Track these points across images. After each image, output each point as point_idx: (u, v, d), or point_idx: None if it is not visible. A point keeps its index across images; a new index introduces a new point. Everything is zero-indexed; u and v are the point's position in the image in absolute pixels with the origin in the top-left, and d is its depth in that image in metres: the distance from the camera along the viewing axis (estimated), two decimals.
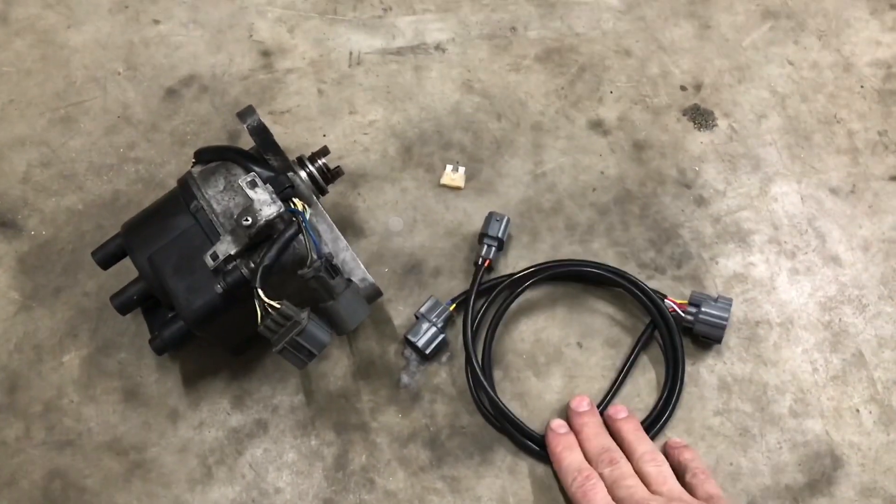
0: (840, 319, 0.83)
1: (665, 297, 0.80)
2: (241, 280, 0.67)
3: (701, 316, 0.78)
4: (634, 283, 0.80)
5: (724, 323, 0.78)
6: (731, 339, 0.81)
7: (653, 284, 0.82)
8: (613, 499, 0.69)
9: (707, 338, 0.79)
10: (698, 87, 0.96)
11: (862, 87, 0.97)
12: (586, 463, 0.72)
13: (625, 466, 0.71)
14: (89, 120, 0.94)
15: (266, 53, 0.98)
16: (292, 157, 0.76)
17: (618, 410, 0.76)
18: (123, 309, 0.72)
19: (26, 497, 0.75)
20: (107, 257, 0.74)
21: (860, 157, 0.92)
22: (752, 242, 0.87)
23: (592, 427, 0.75)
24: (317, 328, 0.65)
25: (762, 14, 1.02)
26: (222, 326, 0.70)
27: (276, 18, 1.01)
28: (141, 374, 0.80)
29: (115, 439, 0.77)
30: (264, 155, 0.73)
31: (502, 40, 0.99)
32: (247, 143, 0.76)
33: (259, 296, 0.65)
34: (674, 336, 0.78)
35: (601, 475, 0.71)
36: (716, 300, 0.79)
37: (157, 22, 1.01)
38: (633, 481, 0.70)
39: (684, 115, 0.94)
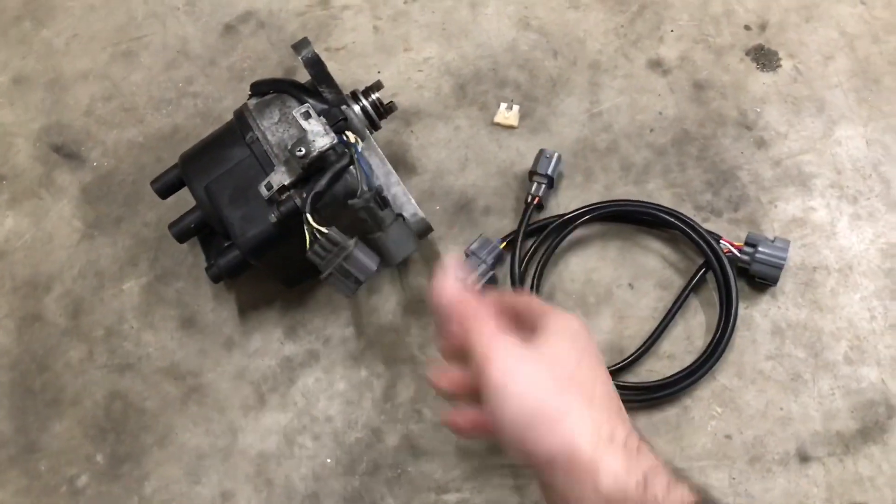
0: None
1: (720, 237, 0.79)
2: (295, 210, 0.68)
3: (758, 256, 0.77)
4: (688, 223, 0.79)
5: (782, 263, 0.76)
6: (786, 284, 0.80)
7: (709, 227, 0.80)
8: None
9: (763, 279, 0.78)
10: (763, 27, 0.93)
11: None
12: None
13: None
14: (149, 55, 0.95)
15: None
16: (347, 93, 0.76)
17: None
18: (181, 237, 0.74)
19: (89, 416, 0.79)
20: (165, 187, 0.76)
21: None
22: (813, 186, 0.84)
23: None
24: (363, 254, 0.66)
25: None
26: (276, 256, 0.72)
27: None
28: (198, 303, 0.82)
29: (172, 364, 0.80)
30: (318, 87, 0.73)
31: None
32: (303, 78, 0.77)
33: (308, 221, 0.66)
34: (728, 277, 0.76)
35: None
36: (773, 241, 0.78)
37: None
38: None
39: (747, 55, 0.91)
